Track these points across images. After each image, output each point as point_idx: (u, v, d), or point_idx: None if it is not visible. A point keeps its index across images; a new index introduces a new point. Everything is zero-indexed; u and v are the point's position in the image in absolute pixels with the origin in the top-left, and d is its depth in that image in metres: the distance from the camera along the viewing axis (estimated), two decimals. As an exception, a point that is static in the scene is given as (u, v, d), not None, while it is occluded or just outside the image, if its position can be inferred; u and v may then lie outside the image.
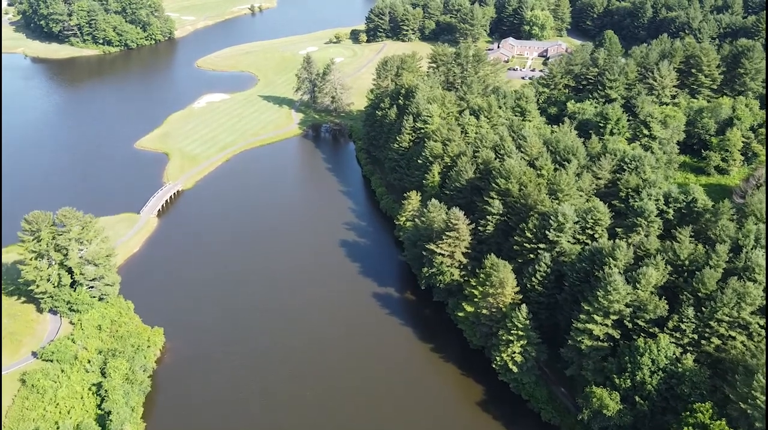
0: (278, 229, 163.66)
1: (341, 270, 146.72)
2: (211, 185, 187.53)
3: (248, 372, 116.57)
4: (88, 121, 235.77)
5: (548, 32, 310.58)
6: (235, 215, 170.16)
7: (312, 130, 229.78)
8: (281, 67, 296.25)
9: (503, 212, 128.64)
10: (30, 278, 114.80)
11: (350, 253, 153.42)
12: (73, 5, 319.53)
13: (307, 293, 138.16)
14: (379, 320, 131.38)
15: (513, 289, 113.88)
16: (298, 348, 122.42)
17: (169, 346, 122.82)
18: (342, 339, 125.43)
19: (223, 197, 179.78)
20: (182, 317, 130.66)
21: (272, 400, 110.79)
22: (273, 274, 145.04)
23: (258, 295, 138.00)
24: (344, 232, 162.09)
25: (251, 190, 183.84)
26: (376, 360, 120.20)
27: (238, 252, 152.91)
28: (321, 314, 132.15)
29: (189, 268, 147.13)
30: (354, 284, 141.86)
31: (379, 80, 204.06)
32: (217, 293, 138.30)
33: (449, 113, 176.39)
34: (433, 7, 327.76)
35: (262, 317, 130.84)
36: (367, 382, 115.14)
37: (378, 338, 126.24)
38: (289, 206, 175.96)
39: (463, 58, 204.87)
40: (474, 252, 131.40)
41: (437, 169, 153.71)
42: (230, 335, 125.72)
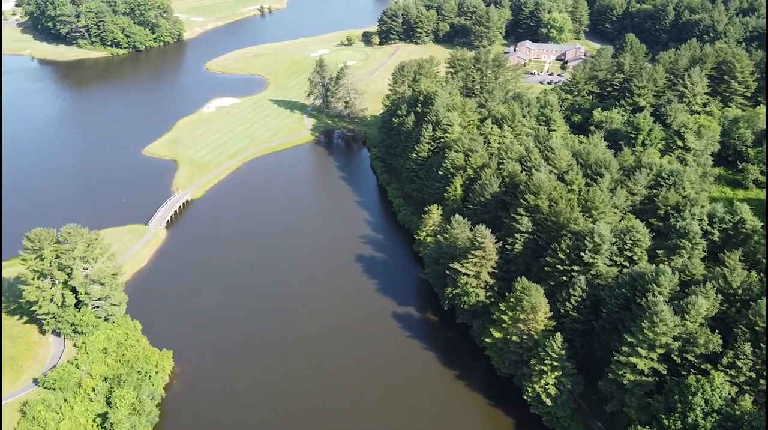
0: (292, 241, 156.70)
1: (359, 287, 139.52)
2: (222, 195, 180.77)
3: (261, 400, 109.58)
4: (96, 126, 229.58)
5: (566, 35, 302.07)
6: (246, 226, 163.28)
7: (324, 137, 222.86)
8: (292, 70, 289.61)
9: (532, 230, 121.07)
10: (32, 298, 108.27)
11: (367, 268, 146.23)
12: (81, 6, 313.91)
13: (324, 313, 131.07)
14: (401, 343, 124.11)
15: (545, 314, 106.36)
16: (315, 375, 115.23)
17: (178, 370, 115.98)
18: (362, 363, 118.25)
19: (233, 208, 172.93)
20: (192, 337, 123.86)
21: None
22: (286, 290, 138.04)
23: (270, 313, 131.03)
24: (361, 245, 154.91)
25: (263, 201, 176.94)
26: (398, 387, 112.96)
27: (250, 268, 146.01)
28: (339, 335, 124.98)
29: (198, 284, 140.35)
30: (372, 303, 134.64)
31: (395, 86, 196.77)
32: (228, 311, 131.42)
33: (470, 122, 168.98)
34: (447, 9, 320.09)
35: (275, 339, 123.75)
36: (389, 411, 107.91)
37: (400, 363, 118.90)
38: (302, 217, 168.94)
39: (482, 63, 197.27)
40: (501, 272, 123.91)
41: (459, 181, 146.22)
42: (241, 359, 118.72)
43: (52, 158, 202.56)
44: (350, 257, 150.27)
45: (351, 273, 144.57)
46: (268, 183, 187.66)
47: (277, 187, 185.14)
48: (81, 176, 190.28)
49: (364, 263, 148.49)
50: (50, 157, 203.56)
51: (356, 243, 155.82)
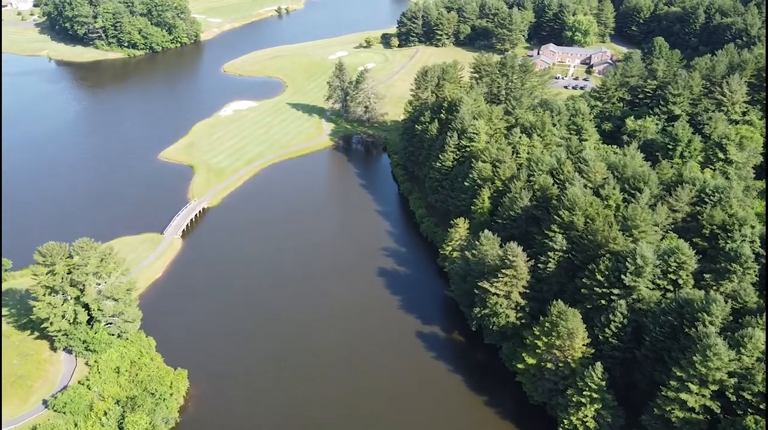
0: (312, 252, 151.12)
1: (382, 304, 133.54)
2: (239, 203, 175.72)
3: (281, 427, 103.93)
4: (112, 130, 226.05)
5: (591, 38, 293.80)
6: (264, 237, 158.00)
7: (343, 142, 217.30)
8: (310, 72, 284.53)
9: (567, 249, 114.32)
10: (42, 315, 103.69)
11: (390, 283, 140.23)
12: (98, 7, 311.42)
13: (346, 331, 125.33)
14: (426, 364, 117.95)
15: (583, 341, 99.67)
16: (337, 398, 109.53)
17: (194, 392, 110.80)
18: (386, 386, 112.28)
19: (250, 217, 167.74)
20: (208, 356, 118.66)
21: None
22: (306, 306, 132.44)
23: (290, 330, 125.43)
24: (382, 258, 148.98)
25: (280, 209, 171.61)
26: (424, 412, 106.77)
27: (267, 280, 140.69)
28: (361, 355, 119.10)
29: (215, 298, 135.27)
30: (396, 321, 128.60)
31: (418, 91, 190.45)
32: (245, 328, 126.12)
33: (496, 130, 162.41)
34: (468, 11, 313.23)
35: (295, 359, 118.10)
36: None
37: (425, 386, 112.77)
38: (322, 227, 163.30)
39: (508, 68, 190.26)
40: (532, 292, 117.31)
41: (487, 193, 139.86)
42: (259, 381, 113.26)
43: (68, 163, 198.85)
44: (372, 270, 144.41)
45: (373, 288, 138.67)
46: (286, 191, 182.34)
47: (296, 195, 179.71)
48: (97, 182, 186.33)
49: (386, 277, 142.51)
50: (66, 161, 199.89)
51: (378, 255, 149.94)
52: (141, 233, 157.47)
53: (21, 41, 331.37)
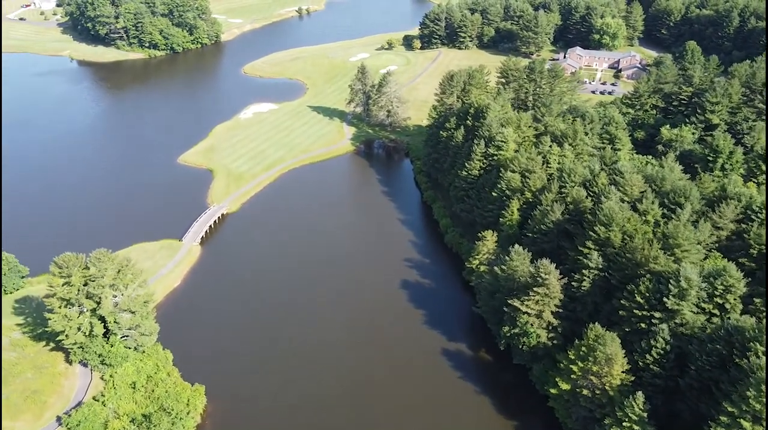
0: (331, 262, 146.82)
1: (405, 319, 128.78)
2: (258, 209, 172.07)
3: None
4: (132, 132, 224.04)
5: (619, 41, 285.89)
6: (283, 245, 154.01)
7: (365, 147, 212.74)
8: (331, 74, 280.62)
9: (603, 267, 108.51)
10: (58, 328, 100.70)
11: (413, 297, 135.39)
12: (120, 7, 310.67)
13: (368, 348, 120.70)
14: (452, 384, 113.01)
15: (622, 367, 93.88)
16: (358, 418, 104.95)
17: (211, 409, 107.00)
18: (411, 408, 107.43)
19: (270, 224, 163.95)
20: (225, 371, 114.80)
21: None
22: (327, 319, 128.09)
23: (308, 343, 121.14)
24: (405, 270, 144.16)
25: (300, 216, 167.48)
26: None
27: (287, 292, 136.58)
28: (384, 373, 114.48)
29: (233, 309, 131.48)
30: (420, 338, 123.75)
31: (443, 96, 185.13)
32: (264, 341, 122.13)
33: (525, 138, 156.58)
34: (492, 12, 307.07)
35: (316, 376, 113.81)
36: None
37: (451, 407, 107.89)
38: (342, 235, 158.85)
39: (537, 73, 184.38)
40: (565, 311, 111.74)
41: (516, 205, 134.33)
42: (279, 400, 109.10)
43: (88, 166, 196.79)
44: (395, 282, 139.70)
45: (397, 302, 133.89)
46: (307, 197, 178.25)
47: (316, 202, 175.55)
48: (116, 186, 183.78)
49: (410, 290, 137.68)
50: (85, 164, 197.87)
51: (401, 267, 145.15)
52: (159, 239, 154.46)
53: (44, 41, 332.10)
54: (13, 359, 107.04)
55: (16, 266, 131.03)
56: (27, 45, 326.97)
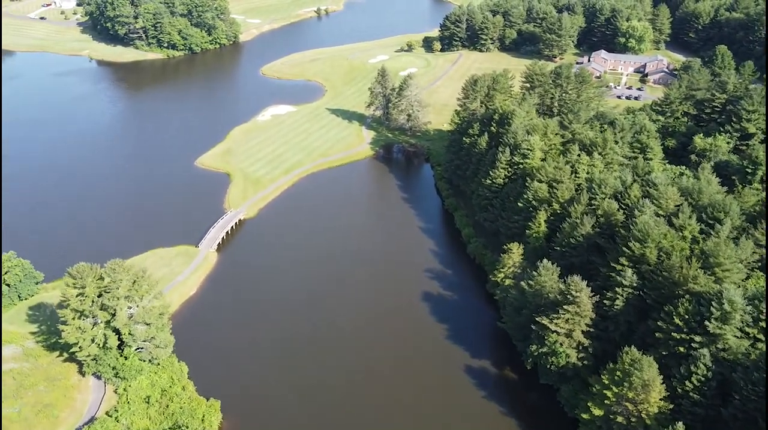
0: (350, 272, 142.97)
1: (427, 333, 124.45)
2: (276, 215, 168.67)
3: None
4: (148, 134, 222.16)
5: (645, 45, 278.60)
6: (302, 253, 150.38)
7: (384, 151, 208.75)
8: (350, 76, 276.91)
9: (638, 285, 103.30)
10: (71, 340, 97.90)
11: (436, 310, 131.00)
12: (139, 7, 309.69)
13: (390, 363, 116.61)
14: (476, 404, 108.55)
15: (660, 394, 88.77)
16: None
17: (226, 425, 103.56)
18: (431, 425, 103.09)
19: (288, 230, 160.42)
20: (242, 385, 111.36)
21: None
22: (346, 333, 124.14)
23: (329, 360, 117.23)
24: (427, 281, 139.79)
25: (319, 223, 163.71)
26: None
27: (305, 304, 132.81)
28: (405, 390, 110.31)
29: (250, 319, 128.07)
30: (443, 353, 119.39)
31: (466, 101, 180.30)
32: (281, 354, 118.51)
33: (552, 146, 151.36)
34: (515, 14, 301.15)
35: (334, 393, 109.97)
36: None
37: (476, 428, 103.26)
38: (362, 243, 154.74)
39: (563, 78, 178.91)
40: (597, 330, 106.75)
41: (543, 216, 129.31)
42: (297, 413, 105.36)
43: (104, 168, 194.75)
44: (416, 294, 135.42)
45: (418, 314, 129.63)
46: (326, 203, 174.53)
47: (335, 208, 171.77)
48: (132, 189, 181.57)
49: (431, 302, 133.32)
50: (102, 166, 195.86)
51: (422, 278, 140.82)
52: (176, 245, 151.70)
53: (63, 41, 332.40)
54: (26, 370, 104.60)
55: (31, 271, 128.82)
56: (47, 44, 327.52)
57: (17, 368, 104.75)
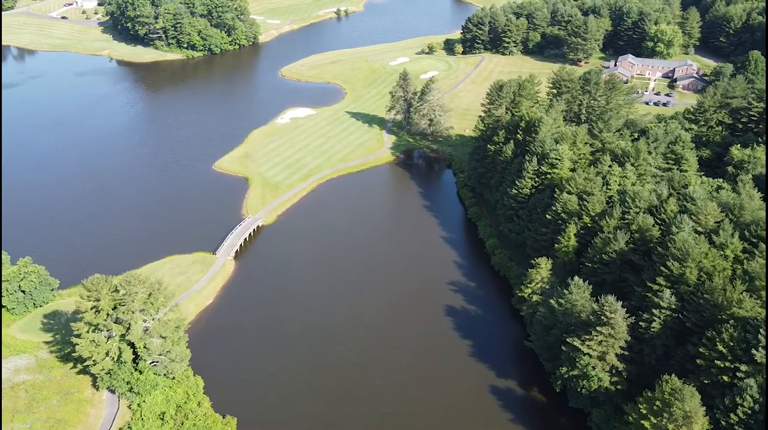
0: (371, 283, 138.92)
1: (450, 349, 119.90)
2: (295, 222, 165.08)
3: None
4: (167, 136, 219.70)
5: (674, 49, 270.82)
6: (321, 262, 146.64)
7: (405, 156, 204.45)
8: (370, 79, 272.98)
9: (677, 307, 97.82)
10: (85, 354, 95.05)
11: (459, 325, 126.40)
12: (159, 8, 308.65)
13: (411, 379, 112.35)
14: (502, 426, 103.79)
15: (703, 427, 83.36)
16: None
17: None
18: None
19: (307, 238, 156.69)
20: (260, 401, 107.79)
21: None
22: (366, 347, 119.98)
23: (347, 374, 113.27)
24: (450, 294, 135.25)
25: (338, 231, 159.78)
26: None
27: (324, 315, 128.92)
28: (427, 408, 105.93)
29: (268, 331, 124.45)
30: (466, 371, 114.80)
31: (491, 107, 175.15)
32: (299, 368, 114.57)
33: (581, 155, 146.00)
34: (539, 17, 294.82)
35: (354, 410, 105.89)
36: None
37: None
38: (382, 254, 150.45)
39: (592, 84, 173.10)
40: (631, 353, 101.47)
41: (573, 230, 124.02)
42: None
43: (122, 171, 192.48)
44: (438, 307, 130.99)
45: (440, 329, 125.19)
46: (345, 210, 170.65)
47: (354, 216, 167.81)
48: (150, 193, 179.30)
49: (454, 316, 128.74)
50: (119, 169, 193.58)
51: (445, 291, 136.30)
52: (192, 252, 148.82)
53: (84, 40, 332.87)
54: (39, 383, 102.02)
55: (46, 278, 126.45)
56: (68, 44, 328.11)
57: (30, 381, 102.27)
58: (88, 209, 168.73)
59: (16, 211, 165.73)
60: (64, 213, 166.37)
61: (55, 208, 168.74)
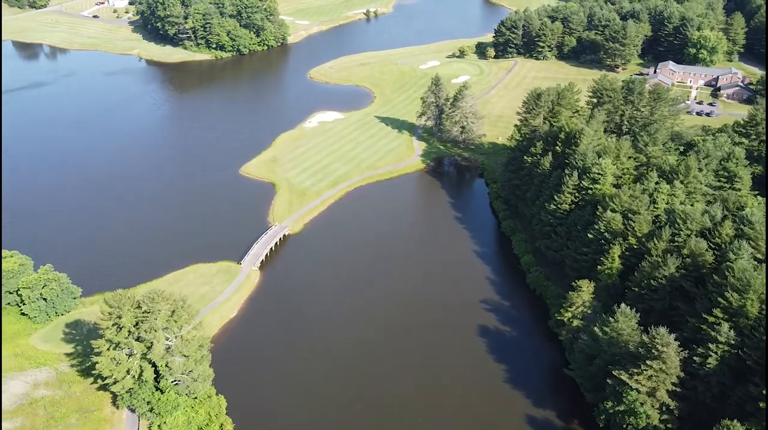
0: (400, 298, 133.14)
1: (484, 373, 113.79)
2: (322, 232, 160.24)
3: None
4: (194, 138, 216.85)
5: (718, 56, 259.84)
6: (348, 275, 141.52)
7: (435, 164, 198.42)
8: (400, 83, 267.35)
9: (736, 342, 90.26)
10: (105, 373, 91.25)
11: (493, 347, 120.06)
12: (190, 8, 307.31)
13: (444, 402, 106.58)
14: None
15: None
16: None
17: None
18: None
19: (334, 250, 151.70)
20: (284, 424, 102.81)
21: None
22: (397, 368, 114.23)
23: (376, 397, 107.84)
24: (483, 314, 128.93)
25: (367, 242, 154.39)
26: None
27: (353, 331, 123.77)
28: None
29: (293, 348, 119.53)
30: (501, 398, 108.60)
31: (528, 116, 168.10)
32: (325, 389, 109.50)
33: (624, 170, 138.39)
34: (575, 21, 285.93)
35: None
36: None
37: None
38: (412, 266, 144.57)
39: (636, 94, 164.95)
40: (683, 390, 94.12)
41: (617, 251, 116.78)
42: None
43: (147, 174, 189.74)
44: (472, 327, 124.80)
45: (474, 352, 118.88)
46: (374, 220, 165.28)
47: (383, 226, 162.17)
48: (175, 197, 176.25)
49: (488, 338, 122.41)
50: (145, 172, 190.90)
51: (477, 310, 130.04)
52: (217, 261, 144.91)
53: (114, 39, 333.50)
54: (58, 399, 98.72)
55: (68, 286, 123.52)
56: (98, 43, 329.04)
57: (49, 396, 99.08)
58: (110, 213, 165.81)
59: (39, 215, 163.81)
60: (86, 218, 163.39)
61: (78, 212, 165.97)
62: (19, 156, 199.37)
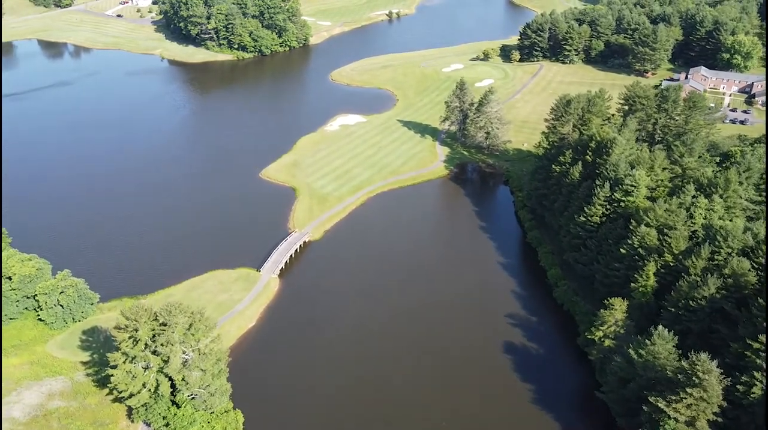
0: (424, 310, 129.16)
1: (510, 392, 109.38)
2: (343, 239, 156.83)
3: None
4: (214, 141, 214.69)
5: (753, 62, 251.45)
6: (370, 285, 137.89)
7: (459, 170, 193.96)
8: (423, 86, 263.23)
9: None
10: (120, 387, 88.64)
11: (519, 366, 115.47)
12: (212, 8, 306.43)
13: (469, 423, 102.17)
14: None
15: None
16: None
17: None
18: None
19: (355, 258, 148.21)
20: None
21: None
22: (422, 385, 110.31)
23: (403, 416, 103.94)
24: (509, 330, 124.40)
25: (389, 251, 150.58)
26: None
27: (376, 344, 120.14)
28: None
29: (313, 359, 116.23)
30: (529, 420, 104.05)
31: (556, 123, 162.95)
32: (346, 406, 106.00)
33: (659, 182, 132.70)
34: (603, 24, 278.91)
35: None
36: None
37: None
38: (436, 276, 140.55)
39: (670, 102, 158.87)
40: (725, 419, 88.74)
41: (652, 268, 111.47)
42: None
43: (166, 177, 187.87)
44: (497, 343, 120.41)
45: (500, 369, 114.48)
46: (396, 228, 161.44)
47: (406, 235, 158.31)
48: (194, 200, 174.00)
49: (514, 356, 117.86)
50: (164, 175, 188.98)
51: (503, 325, 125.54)
52: (236, 267, 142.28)
53: (137, 39, 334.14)
54: (73, 411, 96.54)
55: (85, 292, 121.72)
56: (121, 42, 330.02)
57: (64, 408, 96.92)
58: (129, 217, 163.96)
59: (57, 218, 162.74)
60: (105, 222, 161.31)
61: (95, 216, 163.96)
62: (40, 160, 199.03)
